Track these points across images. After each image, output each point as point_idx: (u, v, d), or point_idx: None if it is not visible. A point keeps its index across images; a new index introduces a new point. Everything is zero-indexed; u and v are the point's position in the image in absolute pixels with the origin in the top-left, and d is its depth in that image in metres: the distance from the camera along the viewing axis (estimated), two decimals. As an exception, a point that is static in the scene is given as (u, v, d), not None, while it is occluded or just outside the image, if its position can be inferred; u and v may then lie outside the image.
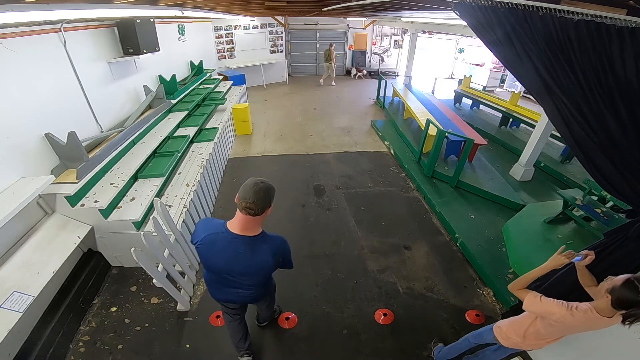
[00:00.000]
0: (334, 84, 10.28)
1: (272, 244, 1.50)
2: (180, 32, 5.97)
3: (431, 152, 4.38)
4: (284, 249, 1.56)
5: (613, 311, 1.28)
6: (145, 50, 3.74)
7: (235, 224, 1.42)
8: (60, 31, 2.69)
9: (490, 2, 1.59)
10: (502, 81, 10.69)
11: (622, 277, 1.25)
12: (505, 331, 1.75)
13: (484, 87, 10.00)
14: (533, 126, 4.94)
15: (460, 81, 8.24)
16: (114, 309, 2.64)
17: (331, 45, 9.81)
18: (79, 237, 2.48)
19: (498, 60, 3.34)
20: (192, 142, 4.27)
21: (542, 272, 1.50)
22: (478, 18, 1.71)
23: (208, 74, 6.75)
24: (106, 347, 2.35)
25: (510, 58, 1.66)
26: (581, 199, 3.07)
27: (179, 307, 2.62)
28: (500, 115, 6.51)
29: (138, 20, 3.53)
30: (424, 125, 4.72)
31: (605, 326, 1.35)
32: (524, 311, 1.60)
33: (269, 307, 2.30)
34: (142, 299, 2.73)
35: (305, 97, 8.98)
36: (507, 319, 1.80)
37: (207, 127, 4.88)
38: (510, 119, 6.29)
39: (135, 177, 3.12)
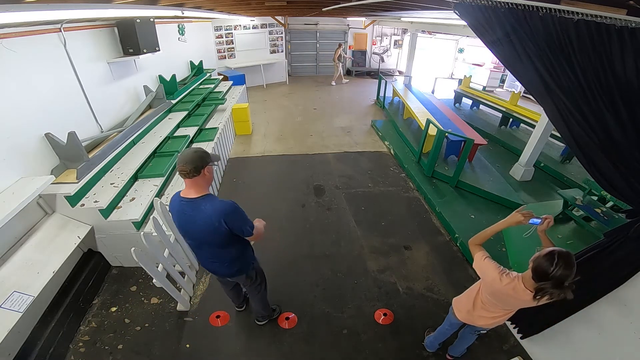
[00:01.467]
0: (334, 83, 10.22)
1: (214, 206, 1.57)
2: (180, 32, 5.98)
3: (431, 152, 4.38)
4: (227, 211, 1.58)
5: (533, 283, 1.29)
6: (145, 50, 3.74)
7: (185, 190, 1.61)
8: (60, 31, 2.69)
9: (490, 2, 1.59)
10: (502, 81, 10.69)
11: (548, 249, 1.26)
12: (459, 301, 1.83)
13: (484, 87, 9.99)
14: (533, 126, 4.93)
15: (460, 81, 8.23)
16: (114, 309, 2.64)
17: (339, 45, 9.82)
18: (79, 237, 2.48)
19: (498, 60, 3.34)
20: (192, 142, 4.27)
21: (500, 228, 1.56)
22: (478, 18, 1.71)
23: (208, 74, 6.75)
24: (106, 347, 2.35)
25: (510, 58, 1.66)
26: (581, 199, 3.07)
27: (179, 307, 2.62)
28: (500, 115, 6.50)
29: (138, 20, 3.53)
30: (424, 125, 4.71)
31: (528, 301, 1.35)
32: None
33: (261, 300, 2.30)
34: (142, 299, 2.73)
35: (305, 97, 8.98)
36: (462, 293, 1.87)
37: (207, 127, 4.88)
38: (510, 119, 6.28)
39: (135, 177, 3.12)
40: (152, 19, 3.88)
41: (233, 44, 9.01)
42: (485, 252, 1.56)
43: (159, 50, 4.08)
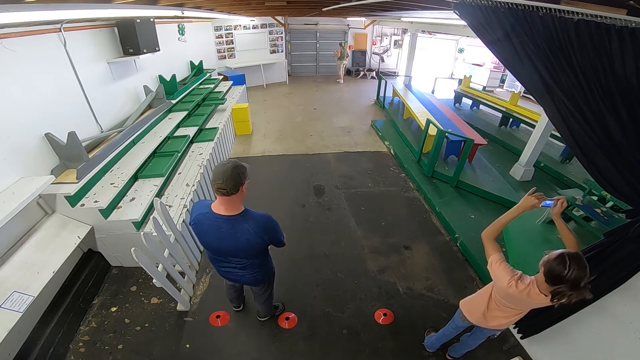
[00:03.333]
0: (341, 81, 10.52)
1: (254, 223, 1.53)
2: (180, 32, 5.97)
3: (431, 152, 4.38)
4: (268, 227, 1.58)
5: (547, 287, 1.28)
6: (145, 50, 3.73)
7: (217, 205, 1.52)
8: (60, 31, 2.68)
9: (490, 2, 1.59)
10: (502, 81, 10.69)
11: (556, 252, 1.24)
12: (470, 304, 1.77)
13: (484, 87, 10.00)
14: (533, 126, 4.93)
15: (460, 81, 8.23)
16: (114, 309, 2.64)
17: (340, 44, 10.24)
18: (79, 237, 2.48)
19: (498, 60, 3.34)
20: (192, 142, 4.26)
21: (515, 214, 1.51)
22: (478, 18, 1.71)
23: (208, 74, 6.74)
24: (106, 347, 2.35)
25: (510, 58, 1.65)
26: (581, 199, 3.07)
27: (179, 307, 2.62)
28: (500, 115, 6.50)
29: (138, 20, 3.53)
30: (424, 125, 4.71)
31: (544, 304, 1.34)
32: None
33: (267, 303, 2.31)
34: (142, 299, 2.73)
35: (305, 97, 8.98)
36: (470, 296, 1.83)
37: (207, 127, 4.87)
38: (510, 119, 6.29)
39: (135, 177, 3.12)
40: (152, 19, 3.87)
41: (233, 44, 9.01)
42: (500, 255, 1.50)
43: (159, 50, 4.08)
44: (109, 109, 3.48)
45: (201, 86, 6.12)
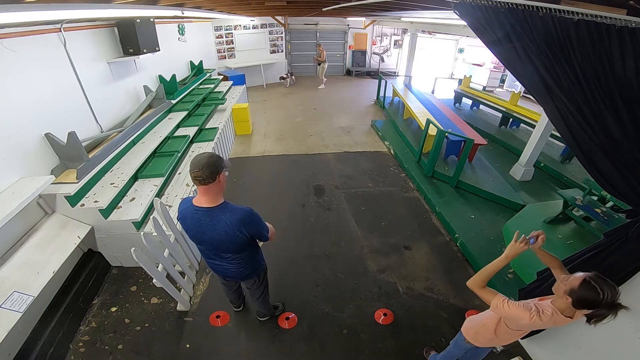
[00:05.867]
0: (322, 86, 9.83)
1: (231, 215, 1.54)
2: (180, 32, 5.97)
3: (431, 152, 4.38)
4: (247, 221, 1.58)
5: (574, 310, 1.27)
6: (145, 50, 3.74)
7: (198, 198, 1.55)
8: (60, 31, 2.69)
9: (490, 2, 1.59)
10: (502, 81, 10.69)
11: (577, 278, 1.22)
12: (475, 333, 1.73)
13: (484, 87, 10.00)
14: (533, 126, 4.93)
15: (460, 81, 8.23)
16: (114, 309, 2.64)
17: (318, 45, 9.53)
18: (79, 237, 2.48)
19: (498, 60, 3.34)
20: (192, 142, 4.27)
21: (504, 264, 1.43)
22: (478, 18, 1.71)
23: (208, 74, 6.74)
24: (106, 347, 2.35)
25: (510, 58, 1.65)
26: (581, 199, 3.07)
27: (179, 307, 2.62)
28: (500, 115, 6.50)
29: (138, 20, 3.53)
30: (424, 125, 4.71)
31: (567, 323, 1.33)
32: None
33: (264, 301, 2.31)
34: (142, 299, 2.73)
35: (305, 97, 8.98)
36: (473, 319, 1.78)
37: (207, 127, 4.88)
38: (510, 119, 6.29)
39: (135, 177, 3.12)
40: (152, 19, 3.88)
41: (233, 44, 9.01)
42: (502, 296, 1.41)
43: (159, 50, 4.08)
44: (109, 109, 3.49)
45: (201, 86, 6.12)
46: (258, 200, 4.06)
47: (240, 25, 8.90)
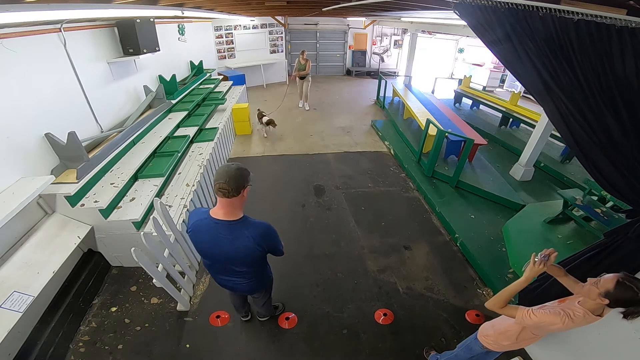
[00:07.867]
0: (307, 106, 7.79)
1: (253, 230, 1.51)
2: (180, 32, 5.97)
3: (431, 152, 4.38)
4: (266, 235, 1.55)
5: (604, 309, 1.30)
6: (145, 50, 3.74)
7: (217, 210, 1.48)
8: (60, 31, 2.68)
9: (490, 2, 1.59)
10: (502, 81, 10.69)
11: (610, 280, 1.24)
12: (495, 340, 1.71)
13: (484, 87, 10.00)
14: (533, 126, 4.93)
15: (460, 81, 8.23)
16: (114, 309, 2.64)
17: (302, 52, 7.17)
18: (79, 237, 2.48)
19: (498, 60, 3.34)
20: (192, 142, 4.26)
21: (523, 286, 1.44)
22: (478, 18, 1.71)
23: (208, 74, 6.75)
24: (106, 347, 2.35)
25: (510, 58, 1.66)
26: (581, 199, 3.07)
27: (179, 307, 2.62)
28: (500, 115, 6.50)
29: (138, 20, 3.53)
30: (424, 125, 4.71)
31: (597, 320, 1.35)
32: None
33: (266, 305, 2.31)
34: (142, 299, 2.73)
35: (305, 97, 8.96)
36: (490, 326, 1.76)
37: (207, 127, 4.87)
38: (510, 119, 6.29)
39: (135, 177, 3.12)
40: (152, 19, 3.87)
41: (233, 44, 9.01)
42: (523, 308, 1.43)
43: (159, 50, 4.08)
44: (109, 109, 3.49)
45: (201, 86, 6.12)
46: (258, 200, 4.05)
47: (240, 25, 8.90)
